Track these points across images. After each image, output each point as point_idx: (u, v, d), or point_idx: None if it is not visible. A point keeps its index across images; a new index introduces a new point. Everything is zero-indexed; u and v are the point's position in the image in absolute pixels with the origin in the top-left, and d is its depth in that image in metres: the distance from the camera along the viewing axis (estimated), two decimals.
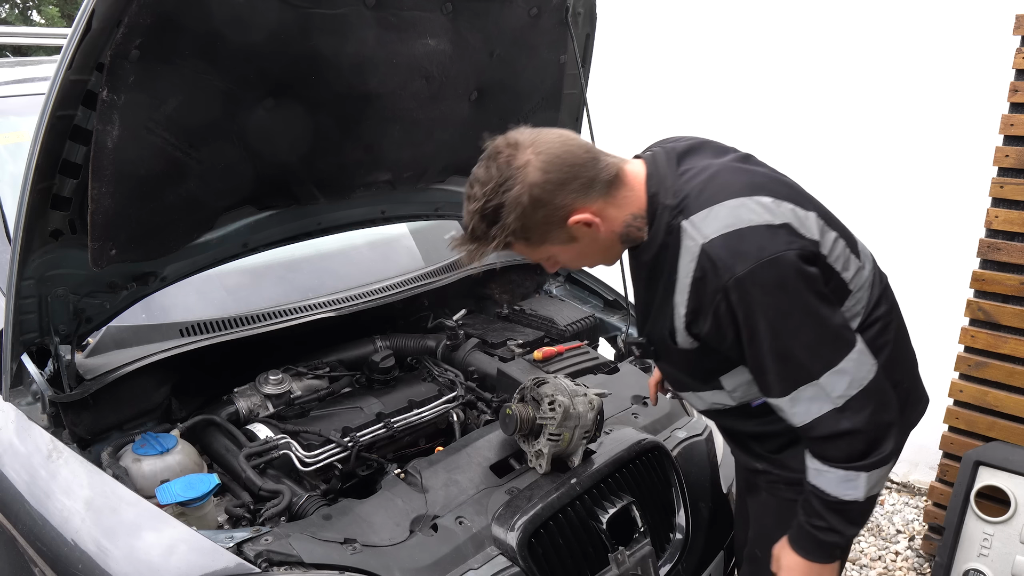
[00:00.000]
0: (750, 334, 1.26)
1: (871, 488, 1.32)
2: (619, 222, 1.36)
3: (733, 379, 1.44)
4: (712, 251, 1.25)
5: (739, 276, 1.22)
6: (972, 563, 2.54)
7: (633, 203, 1.36)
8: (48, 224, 1.49)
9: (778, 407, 1.34)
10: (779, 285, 1.24)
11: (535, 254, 1.40)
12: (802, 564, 1.42)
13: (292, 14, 1.53)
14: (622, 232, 1.37)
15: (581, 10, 2.13)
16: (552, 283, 2.73)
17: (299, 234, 2.08)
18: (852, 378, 1.27)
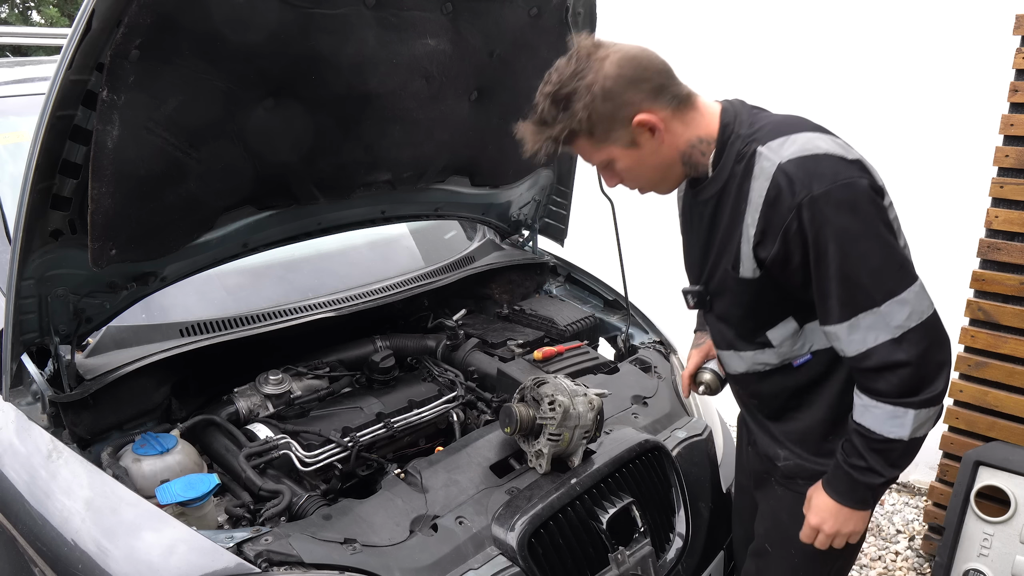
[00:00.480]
0: (818, 255, 1.29)
1: (917, 428, 1.33)
2: (683, 139, 1.39)
3: (780, 332, 1.45)
4: (789, 169, 1.28)
5: (814, 194, 1.25)
6: (972, 563, 2.54)
7: (702, 127, 1.39)
8: (48, 224, 1.49)
9: (835, 335, 1.34)
10: (852, 208, 1.26)
11: (595, 154, 1.41)
12: (833, 506, 1.43)
13: (292, 14, 1.53)
14: (684, 151, 1.40)
15: (581, 10, 2.13)
16: (552, 283, 2.73)
17: (299, 234, 2.08)
18: (912, 310, 1.28)
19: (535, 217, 2.67)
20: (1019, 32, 2.48)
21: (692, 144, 1.40)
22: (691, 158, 1.41)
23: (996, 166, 2.56)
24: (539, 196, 2.61)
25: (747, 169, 1.34)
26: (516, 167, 2.43)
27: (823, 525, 1.46)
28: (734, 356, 1.56)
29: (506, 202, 2.57)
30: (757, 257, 1.36)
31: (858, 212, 1.27)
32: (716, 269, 1.47)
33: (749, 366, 1.54)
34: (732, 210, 1.38)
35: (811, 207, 1.26)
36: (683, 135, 1.39)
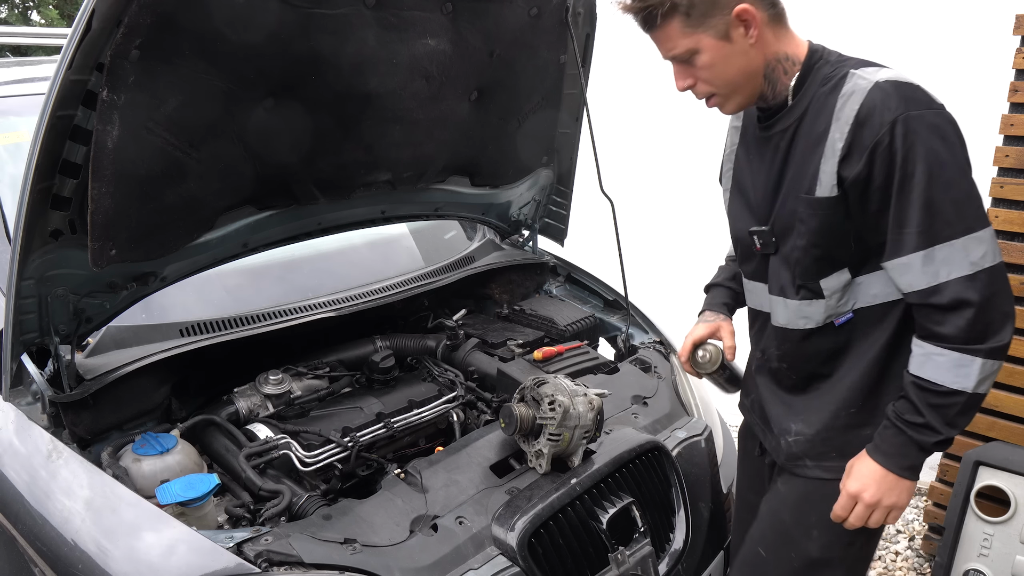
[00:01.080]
0: (904, 176, 1.27)
1: (982, 380, 1.29)
2: (772, 50, 1.38)
3: (833, 281, 1.42)
4: (886, 88, 1.28)
5: (911, 113, 1.25)
6: (972, 563, 2.54)
7: (790, 45, 1.40)
8: (48, 224, 1.49)
9: (906, 266, 1.30)
10: (943, 135, 1.26)
11: (681, 41, 1.36)
12: (878, 471, 1.36)
13: (292, 14, 1.53)
14: (770, 63, 1.39)
15: (581, 10, 2.13)
16: (552, 283, 2.73)
17: (299, 234, 2.08)
18: (988, 249, 1.27)
19: (535, 217, 2.67)
20: (1019, 32, 2.48)
21: (778, 58, 1.39)
22: (774, 73, 1.40)
23: (996, 166, 2.56)
24: (539, 196, 2.61)
25: (834, 89, 1.34)
26: (516, 167, 2.43)
27: (863, 492, 1.37)
28: (780, 304, 1.51)
29: (506, 202, 2.57)
30: (839, 175, 1.33)
31: (948, 140, 1.26)
32: (787, 202, 1.43)
33: (791, 319, 1.49)
34: (812, 134, 1.36)
35: (905, 124, 1.25)
36: (772, 46, 1.38)
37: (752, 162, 1.53)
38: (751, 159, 1.53)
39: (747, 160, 1.55)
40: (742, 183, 1.57)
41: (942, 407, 1.31)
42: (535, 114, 2.28)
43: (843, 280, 1.42)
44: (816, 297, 1.45)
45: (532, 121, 2.29)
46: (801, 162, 1.39)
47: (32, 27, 9.27)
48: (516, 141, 2.31)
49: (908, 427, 1.34)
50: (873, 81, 1.29)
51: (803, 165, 1.39)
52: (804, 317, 1.48)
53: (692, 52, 1.36)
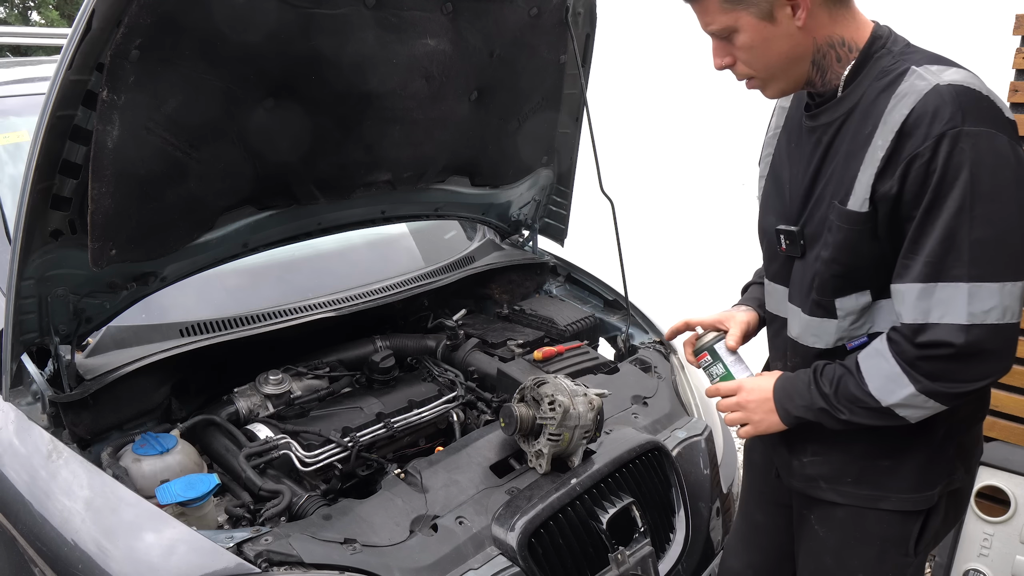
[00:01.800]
0: (935, 198, 1.12)
1: (902, 405, 1.22)
2: (824, 33, 1.23)
3: (850, 302, 1.31)
4: (944, 93, 1.12)
5: (965, 130, 1.10)
6: (972, 563, 2.54)
7: (847, 30, 1.24)
8: (48, 224, 1.49)
9: (902, 294, 1.19)
10: (996, 165, 1.11)
11: (720, 17, 1.23)
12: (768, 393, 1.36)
13: (292, 14, 1.53)
14: (821, 48, 1.24)
15: (581, 10, 2.13)
16: (552, 283, 2.73)
17: (299, 234, 2.08)
18: (1002, 305, 1.13)
19: (535, 217, 2.67)
20: (1019, 32, 2.48)
21: (832, 43, 1.23)
22: (825, 59, 1.24)
23: None
24: (539, 196, 2.61)
25: (889, 86, 1.18)
26: (516, 167, 2.43)
27: (747, 396, 1.39)
28: (796, 314, 1.41)
29: (506, 202, 2.57)
30: (873, 187, 1.19)
31: (999, 174, 1.11)
32: (820, 205, 1.30)
33: (803, 333, 1.39)
34: (859, 135, 1.22)
35: (953, 140, 1.10)
36: (825, 28, 1.22)
37: (792, 152, 1.39)
38: (791, 148, 1.40)
39: (787, 148, 1.42)
40: (779, 173, 1.44)
41: (854, 399, 1.26)
42: (535, 114, 2.28)
43: (862, 303, 1.30)
44: (828, 316, 1.34)
45: (532, 121, 2.29)
46: (841, 165, 1.26)
47: (32, 27, 9.27)
48: (516, 141, 2.31)
49: (817, 389, 1.30)
50: (933, 83, 1.13)
51: (842, 169, 1.25)
52: (815, 335, 1.38)
53: (730, 30, 1.24)
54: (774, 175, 1.46)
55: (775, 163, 1.47)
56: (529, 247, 2.73)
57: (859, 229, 1.23)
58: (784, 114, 1.47)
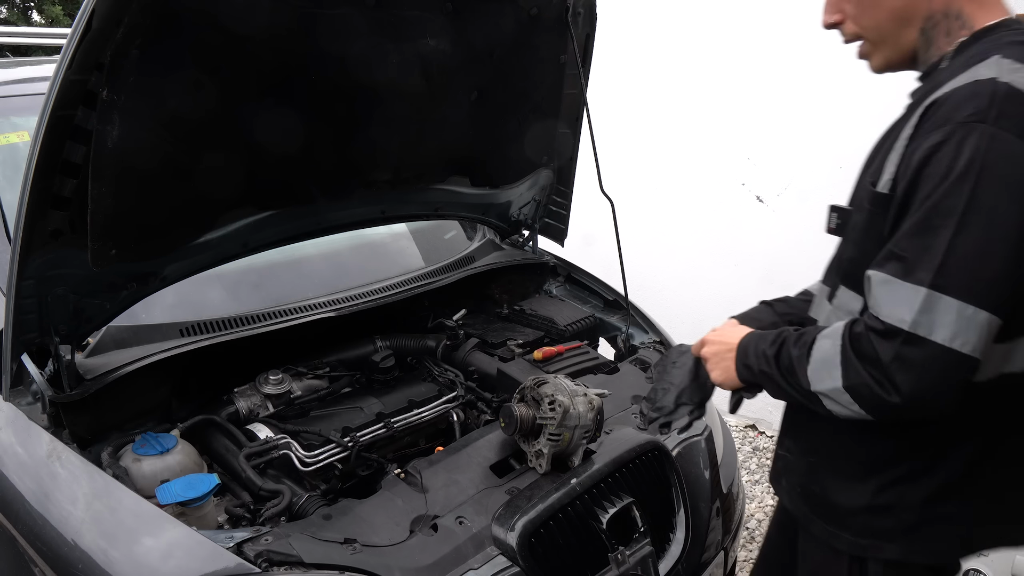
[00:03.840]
0: (930, 191, 1.03)
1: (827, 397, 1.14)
2: (940, 2, 1.14)
3: (846, 300, 1.24)
4: (991, 87, 1.01)
5: (986, 127, 0.99)
6: (972, 563, 2.54)
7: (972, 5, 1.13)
8: (48, 224, 1.49)
9: (868, 280, 1.11)
10: (1008, 178, 1.00)
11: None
12: (731, 346, 1.32)
13: (292, 14, 1.53)
14: (933, 16, 1.14)
15: (581, 10, 2.13)
16: (552, 283, 2.73)
17: (299, 234, 2.08)
18: (950, 325, 1.01)
19: (535, 217, 2.67)
20: None
21: (948, 13, 1.13)
22: (934, 30, 1.14)
23: None
24: (539, 196, 2.61)
25: (962, 69, 1.07)
26: (516, 167, 2.43)
27: (710, 347, 1.40)
28: (821, 295, 1.35)
29: (506, 202, 2.58)
30: (896, 170, 1.10)
31: (1009, 189, 1.00)
32: (861, 187, 1.24)
33: (826, 320, 1.29)
34: (909, 114, 1.13)
35: (967, 134, 1.00)
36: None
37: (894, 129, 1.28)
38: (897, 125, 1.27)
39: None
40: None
41: (791, 372, 1.19)
42: (535, 114, 2.28)
43: (854, 307, 1.21)
44: (831, 299, 1.29)
45: (532, 121, 2.29)
46: (884, 147, 1.18)
47: (32, 27, 9.27)
48: (516, 141, 2.31)
49: (774, 350, 1.23)
50: (990, 77, 1.02)
51: (884, 151, 1.17)
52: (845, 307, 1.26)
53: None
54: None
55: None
56: (529, 247, 2.73)
57: (876, 213, 1.14)
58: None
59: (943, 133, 1.03)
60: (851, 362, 1.10)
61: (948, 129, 1.02)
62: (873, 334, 1.08)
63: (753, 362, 1.28)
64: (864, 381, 1.08)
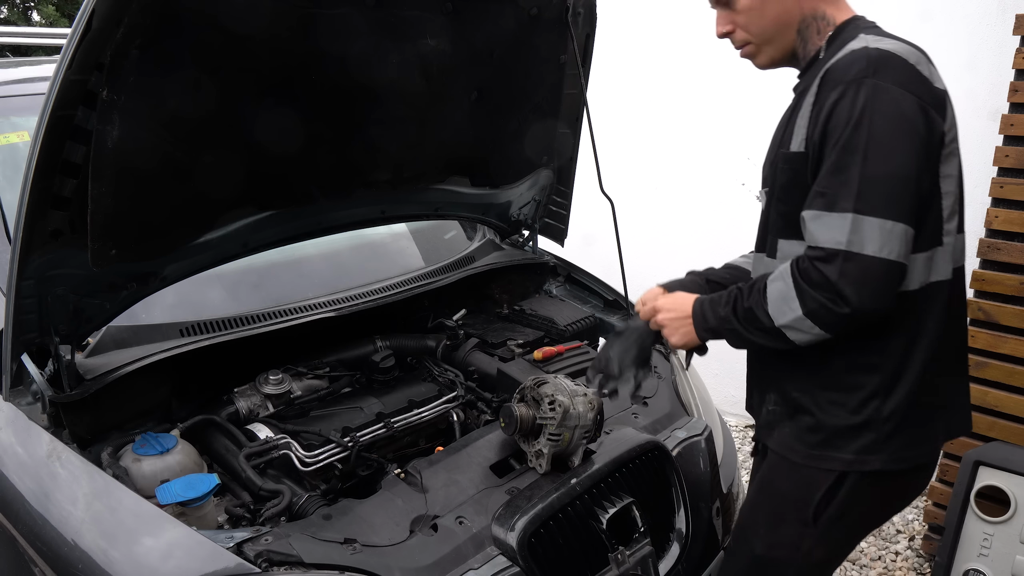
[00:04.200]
0: (838, 139, 1.26)
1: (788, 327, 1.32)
2: (810, 5, 1.40)
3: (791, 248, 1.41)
4: (871, 54, 1.27)
5: (876, 81, 1.24)
6: (972, 563, 2.54)
7: (832, 7, 1.41)
8: (48, 224, 1.49)
9: (804, 221, 1.32)
10: (893, 117, 1.24)
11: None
12: (686, 314, 1.48)
13: (292, 14, 1.53)
14: (806, 18, 1.41)
15: (581, 10, 2.13)
16: (552, 283, 2.73)
17: (299, 234, 2.08)
18: (876, 239, 1.23)
19: (535, 217, 2.67)
20: (1019, 32, 2.48)
21: (816, 15, 1.40)
22: (807, 31, 1.41)
23: (996, 166, 2.56)
24: (539, 196, 2.61)
25: (839, 50, 1.33)
26: (516, 167, 2.43)
27: (664, 315, 1.53)
28: (760, 259, 1.53)
29: (506, 202, 2.57)
30: (806, 132, 1.33)
31: (896, 125, 1.24)
32: (774, 160, 1.45)
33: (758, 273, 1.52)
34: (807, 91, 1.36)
35: (858, 88, 1.24)
36: (812, 1, 1.40)
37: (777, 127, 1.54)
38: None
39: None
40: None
41: (753, 318, 1.36)
42: (535, 114, 2.28)
43: (799, 250, 1.37)
44: (773, 256, 1.46)
45: (532, 121, 2.29)
46: (791, 118, 1.41)
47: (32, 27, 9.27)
48: (516, 141, 2.31)
49: (730, 307, 1.40)
50: (865, 45, 1.29)
51: (792, 121, 1.40)
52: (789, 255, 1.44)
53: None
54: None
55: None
56: (529, 247, 2.73)
57: (798, 169, 1.36)
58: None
59: (839, 92, 1.26)
60: (804, 291, 1.29)
61: (842, 88, 1.26)
62: (818, 262, 1.27)
63: (714, 323, 1.45)
64: (820, 303, 1.27)
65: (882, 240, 1.24)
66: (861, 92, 1.24)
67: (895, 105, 1.24)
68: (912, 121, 1.25)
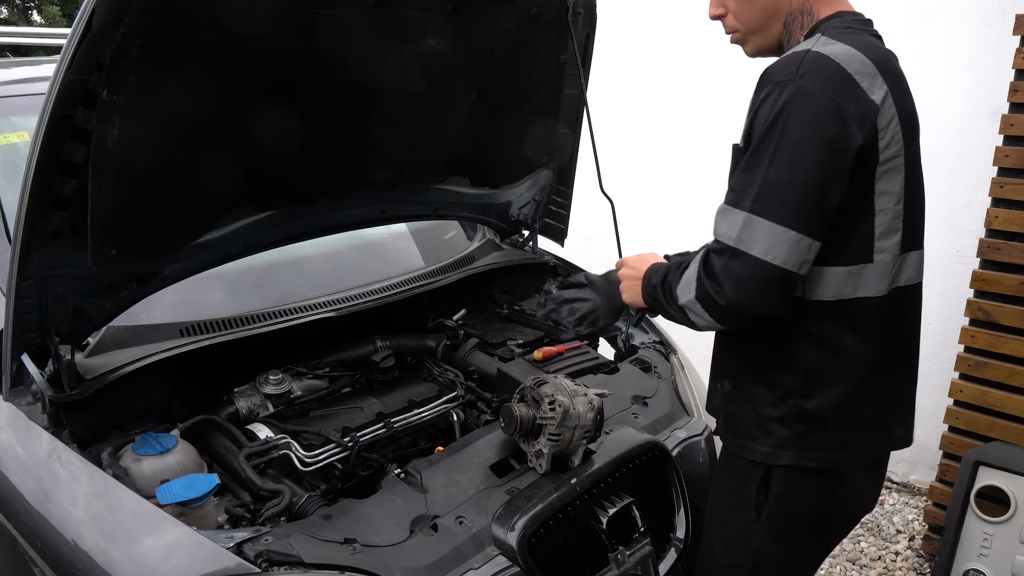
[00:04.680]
0: (756, 138, 1.28)
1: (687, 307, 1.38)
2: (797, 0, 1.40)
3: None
4: (805, 58, 1.27)
5: (798, 85, 1.24)
6: (972, 563, 2.54)
7: (818, 3, 1.40)
8: (48, 224, 1.49)
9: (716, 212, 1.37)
10: (809, 123, 1.23)
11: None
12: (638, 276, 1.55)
13: (292, 14, 1.53)
14: (792, 12, 1.41)
15: (581, 10, 2.13)
16: (552, 283, 2.73)
17: (299, 234, 2.08)
18: (765, 242, 1.26)
19: (535, 217, 2.67)
20: (1019, 32, 2.48)
21: (803, 9, 1.40)
22: (792, 24, 1.41)
23: (996, 166, 2.57)
24: (539, 196, 2.61)
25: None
26: (516, 167, 2.43)
27: (625, 270, 1.62)
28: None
29: (506, 202, 2.57)
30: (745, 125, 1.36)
31: (809, 132, 1.24)
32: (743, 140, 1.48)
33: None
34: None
35: (781, 90, 1.25)
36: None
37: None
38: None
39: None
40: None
41: (670, 292, 1.43)
42: (535, 114, 2.28)
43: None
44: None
45: (532, 121, 2.29)
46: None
47: (32, 27, 9.27)
48: (516, 141, 2.31)
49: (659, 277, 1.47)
50: (808, 48, 1.29)
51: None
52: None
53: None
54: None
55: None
56: (529, 247, 2.73)
57: (735, 162, 1.39)
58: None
59: (766, 92, 1.28)
60: (700, 276, 1.34)
61: (769, 88, 1.28)
62: (712, 252, 1.34)
63: (649, 289, 1.51)
64: (706, 290, 1.33)
65: (769, 243, 1.25)
66: (784, 94, 1.25)
67: (811, 112, 1.24)
68: (824, 130, 1.24)
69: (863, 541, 3.16)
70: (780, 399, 1.42)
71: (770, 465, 1.46)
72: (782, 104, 1.24)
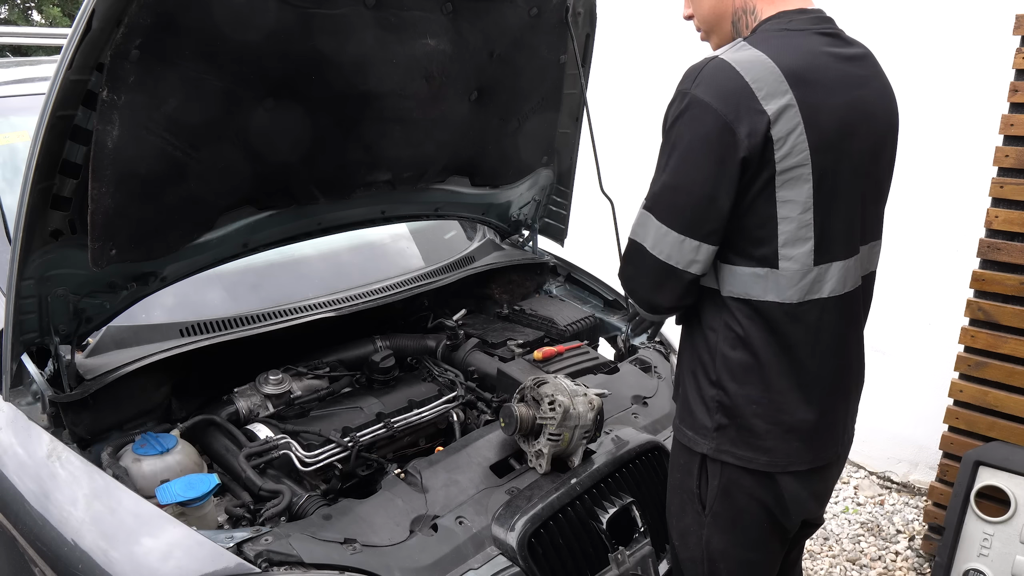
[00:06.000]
0: (662, 142, 1.36)
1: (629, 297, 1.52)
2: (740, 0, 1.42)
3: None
4: (706, 65, 1.30)
5: (694, 93, 1.28)
6: (972, 563, 2.54)
7: (764, 1, 1.40)
8: (48, 224, 1.49)
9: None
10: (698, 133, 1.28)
11: None
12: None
13: (292, 14, 1.53)
14: (736, 11, 1.43)
15: (581, 10, 2.13)
16: (552, 283, 2.73)
17: (299, 234, 2.08)
18: (652, 237, 1.36)
19: (535, 217, 2.67)
20: (1019, 32, 2.48)
21: (744, 9, 1.42)
22: (739, 23, 1.43)
23: (996, 166, 2.56)
24: (539, 196, 2.61)
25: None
26: (516, 167, 2.43)
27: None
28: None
29: (506, 202, 2.58)
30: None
31: (697, 141, 1.28)
32: None
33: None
34: None
35: (680, 99, 1.30)
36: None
37: None
38: None
39: None
40: None
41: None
42: (535, 114, 2.28)
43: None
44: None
45: (532, 121, 2.29)
46: None
47: (32, 27, 9.27)
48: (516, 141, 2.31)
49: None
50: (717, 54, 1.31)
51: None
52: None
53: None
54: None
55: None
56: (529, 247, 2.73)
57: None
58: None
59: (672, 98, 1.34)
60: (622, 264, 1.46)
61: (673, 95, 1.34)
62: (628, 239, 1.44)
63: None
64: (621, 270, 1.47)
65: (655, 240, 1.35)
66: (682, 103, 1.30)
67: (699, 123, 1.28)
68: (709, 140, 1.27)
69: (863, 541, 3.16)
70: (706, 387, 1.43)
71: (705, 456, 1.45)
72: (678, 112, 1.30)
